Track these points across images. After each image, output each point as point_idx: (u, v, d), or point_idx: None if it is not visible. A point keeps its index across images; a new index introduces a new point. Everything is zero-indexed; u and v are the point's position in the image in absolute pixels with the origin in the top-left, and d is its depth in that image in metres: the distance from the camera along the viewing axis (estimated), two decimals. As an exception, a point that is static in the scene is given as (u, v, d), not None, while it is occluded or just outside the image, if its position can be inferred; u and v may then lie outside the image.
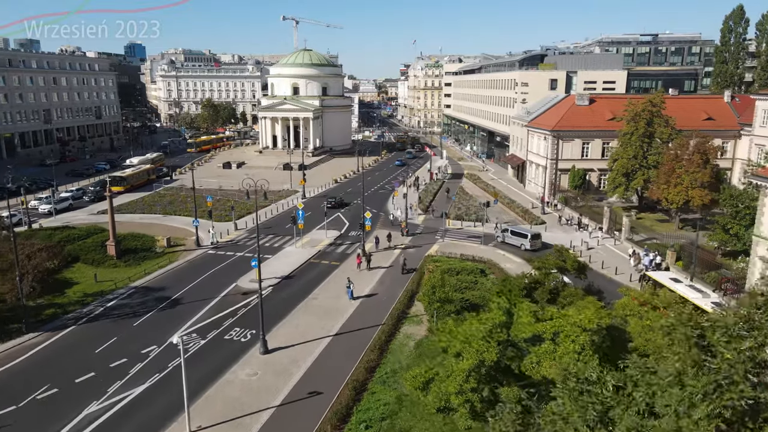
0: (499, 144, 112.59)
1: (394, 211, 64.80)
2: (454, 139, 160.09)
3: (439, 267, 44.70)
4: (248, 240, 56.40)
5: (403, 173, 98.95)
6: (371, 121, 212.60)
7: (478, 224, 62.68)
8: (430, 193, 79.43)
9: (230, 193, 78.77)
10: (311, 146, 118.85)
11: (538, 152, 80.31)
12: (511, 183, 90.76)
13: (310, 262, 49.65)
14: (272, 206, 71.65)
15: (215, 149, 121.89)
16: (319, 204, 73.55)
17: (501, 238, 56.31)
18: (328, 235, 57.78)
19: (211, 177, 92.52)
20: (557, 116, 77.15)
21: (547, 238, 56.64)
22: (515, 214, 69.39)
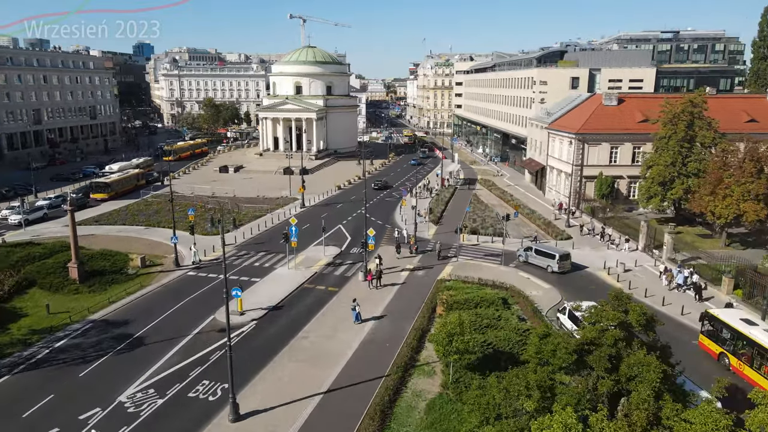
0: (514, 147, 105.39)
1: (401, 227, 57.60)
2: (465, 140, 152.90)
3: (453, 297, 37.70)
4: (237, 258, 49.70)
5: (414, 177, 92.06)
6: (379, 122, 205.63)
7: (496, 239, 55.61)
8: (442, 202, 72.37)
9: (224, 201, 72.11)
10: (314, 148, 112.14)
11: (560, 157, 73.12)
12: (529, 190, 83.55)
13: (303, 287, 42.82)
14: (267, 216, 64.94)
15: (198, 156, 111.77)
16: (320, 213, 66.72)
17: (524, 257, 49.27)
18: (327, 252, 50.95)
19: (205, 182, 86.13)
20: (582, 118, 69.92)
21: (576, 256, 49.56)
22: (536, 226, 62.25)
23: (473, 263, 48.86)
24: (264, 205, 70.90)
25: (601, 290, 43.00)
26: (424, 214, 65.62)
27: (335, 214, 66.78)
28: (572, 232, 59.14)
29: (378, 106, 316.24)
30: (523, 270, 47.26)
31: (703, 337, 33.32)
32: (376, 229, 60.15)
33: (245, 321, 35.98)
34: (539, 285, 43.80)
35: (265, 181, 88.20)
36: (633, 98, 72.26)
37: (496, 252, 51.64)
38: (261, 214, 65.74)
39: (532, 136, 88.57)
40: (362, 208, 70.21)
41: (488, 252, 52.16)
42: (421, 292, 41.65)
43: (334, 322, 36.32)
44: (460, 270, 46.66)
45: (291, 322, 36.32)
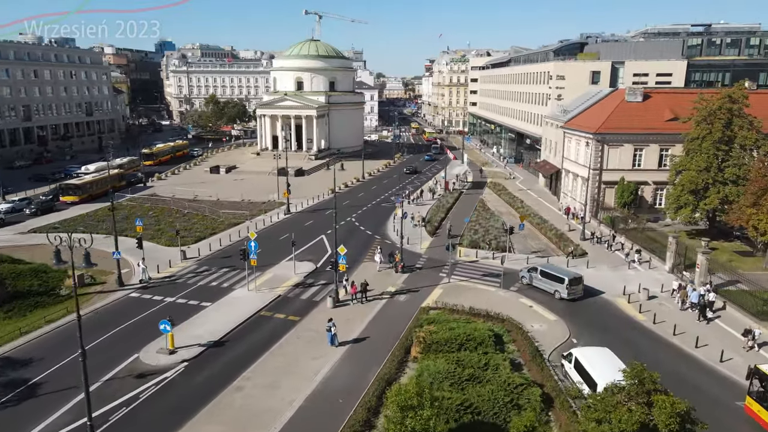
0: (529, 147, 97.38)
1: (391, 239, 49.60)
2: (479, 140, 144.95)
3: (433, 336, 30.45)
4: (194, 275, 43.11)
5: (417, 180, 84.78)
6: (392, 120, 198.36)
7: (498, 255, 48.12)
8: (443, 209, 64.93)
9: (201, 207, 65.76)
10: (315, 148, 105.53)
11: (576, 159, 65.20)
12: (543, 195, 75.65)
13: (260, 314, 35.97)
14: (245, 224, 58.27)
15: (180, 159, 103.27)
16: (305, 221, 60.14)
17: (527, 279, 41.81)
18: (299, 270, 44.06)
19: (192, 184, 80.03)
20: (602, 115, 61.92)
21: (591, 278, 41.94)
22: (547, 239, 54.58)
23: (467, 285, 41.53)
24: (245, 210, 64.32)
25: (620, 324, 35.49)
26: (417, 219, 58.32)
27: (321, 222, 59.86)
28: (588, 246, 51.32)
29: (395, 104, 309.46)
30: (526, 295, 39.79)
31: (751, 400, 25.60)
32: (363, 241, 53.34)
33: (172, 363, 29.26)
34: (543, 316, 36.30)
35: (256, 183, 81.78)
36: (661, 93, 63.95)
37: (496, 272, 44.20)
38: (239, 222, 59.18)
39: (547, 136, 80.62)
40: (355, 214, 63.95)
41: (487, 271, 44.71)
42: (398, 323, 34.51)
43: (283, 365, 29.42)
44: (451, 294, 39.38)
45: (230, 364, 29.49)
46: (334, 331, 31.77)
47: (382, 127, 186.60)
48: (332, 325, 31.81)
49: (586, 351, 28.12)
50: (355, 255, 48.67)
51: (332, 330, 31.71)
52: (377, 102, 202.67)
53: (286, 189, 64.16)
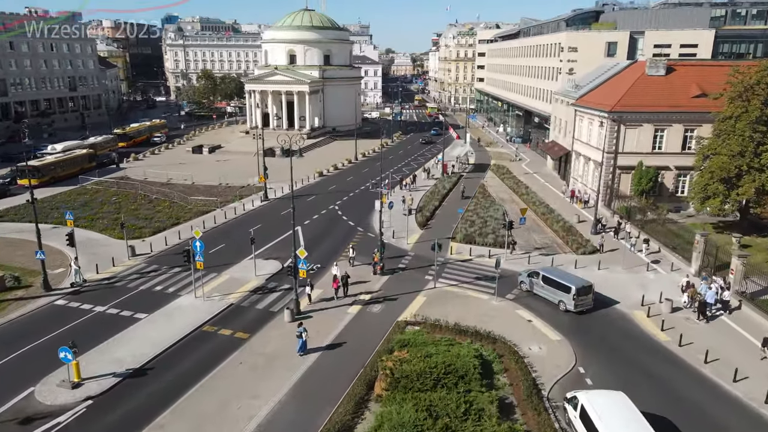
0: (538, 126, 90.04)
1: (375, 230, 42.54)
2: (486, 118, 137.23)
3: (405, 367, 24.20)
4: (139, 277, 37.08)
5: (415, 162, 77.99)
6: (395, 96, 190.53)
7: (496, 254, 41.63)
8: (437, 196, 58.28)
9: (176, 190, 59.66)
10: (308, 126, 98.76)
11: (588, 141, 58.14)
12: (551, 180, 68.68)
13: (202, 330, 29.92)
14: (215, 213, 52.09)
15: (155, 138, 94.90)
16: (282, 208, 53.79)
17: (527, 285, 35.42)
18: (261, 270, 37.90)
19: (169, 166, 73.78)
20: (619, 91, 54.66)
21: (603, 281, 35.52)
22: (553, 233, 47.96)
23: (456, 292, 35.18)
24: (217, 197, 58.07)
25: (638, 346, 29.12)
26: (408, 202, 52.06)
27: (301, 211, 53.33)
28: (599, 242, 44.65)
29: (402, 80, 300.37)
30: (525, 305, 33.42)
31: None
32: (344, 233, 47.01)
33: (73, 402, 23.29)
34: (544, 334, 29.95)
35: (239, 164, 75.40)
36: (686, 66, 56.35)
37: (491, 273, 37.77)
38: (208, 210, 53.00)
39: (556, 114, 73.32)
40: (339, 201, 57.44)
41: (481, 273, 38.32)
42: (366, 343, 28.34)
43: (212, 406, 23.37)
44: (435, 304, 33.12)
45: (145, 403, 23.49)
46: (305, 337, 27.25)
47: (385, 103, 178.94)
48: (303, 330, 27.40)
49: (595, 397, 21.79)
50: (332, 250, 42.55)
51: (303, 336, 27.20)
52: (381, 78, 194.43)
53: (263, 173, 57.69)
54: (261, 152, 66.41)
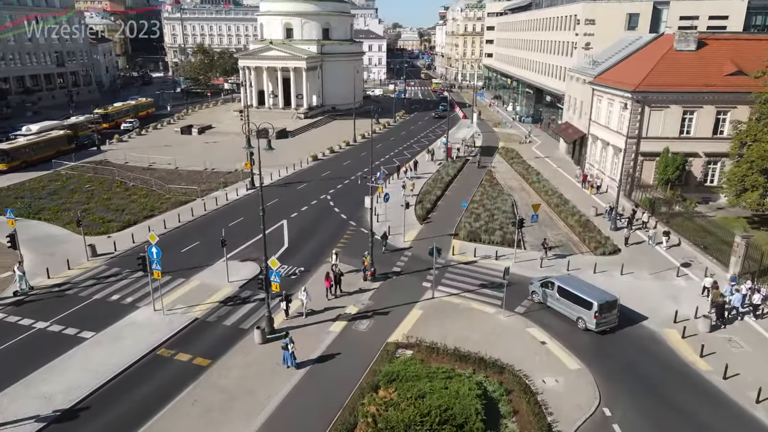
0: (550, 105, 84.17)
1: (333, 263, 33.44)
2: (494, 96, 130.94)
3: (389, 418, 19.55)
4: (95, 282, 32.50)
5: (417, 145, 72.69)
6: (401, 72, 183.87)
7: (504, 255, 36.79)
8: (440, 185, 53.18)
9: (157, 176, 55.03)
10: (305, 105, 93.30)
11: (607, 124, 52.69)
12: (564, 165, 63.31)
13: (156, 353, 25.40)
14: (194, 204, 47.33)
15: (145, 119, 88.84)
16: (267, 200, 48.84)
17: (539, 295, 30.62)
18: (236, 275, 33.24)
19: (154, 148, 68.92)
20: (643, 68, 49.00)
21: (626, 289, 30.71)
22: (568, 228, 42.96)
23: (457, 304, 30.42)
24: (200, 185, 53.26)
25: (673, 377, 24.46)
26: (410, 188, 47.55)
27: (289, 201, 48.85)
28: (622, 239, 39.68)
29: (409, 56, 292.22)
30: (537, 321, 28.67)
31: None
32: (334, 228, 42.19)
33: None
34: (561, 361, 25.22)
35: (229, 147, 70.08)
36: (719, 41, 50.49)
37: (499, 278, 33.00)
38: (187, 200, 48.26)
39: (571, 93, 67.55)
40: (332, 190, 52.31)
41: (486, 278, 33.50)
42: (346, 377, 23.75)
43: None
44: (432, 319, 28.45)
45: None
46: (291, 349, 24.31)
47: (390, 80, 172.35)
48: (289, 342, 24.39)
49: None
50: (318, 250, 37.78)
51: (290, 348, 24.30)
52: (386, 53, 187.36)
53: (248, 159, 52.70)
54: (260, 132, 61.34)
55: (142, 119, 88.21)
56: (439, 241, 38.89)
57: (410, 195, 49.74)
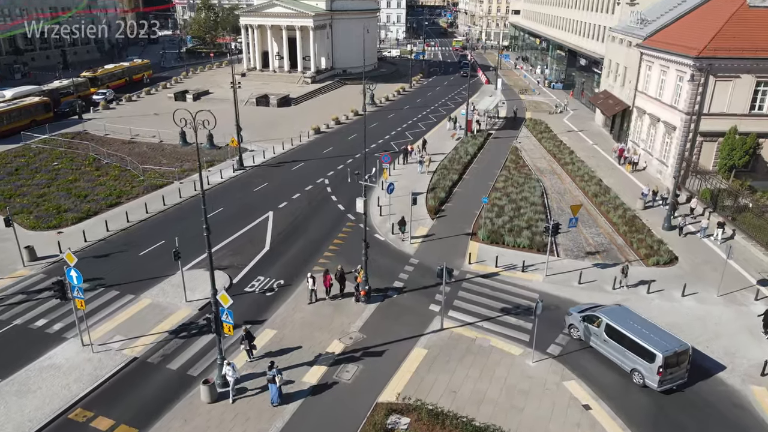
0: (584, 69, 75.06)
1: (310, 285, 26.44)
2: (520, 58, 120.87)
3: None
4: (24, 300, 26.26)
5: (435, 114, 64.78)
6: (420, 31, 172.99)
7: (532, 267, 29.71)
8: (456, 168, 45.57)
9: (138, 152, 48.72)
10: (312, 68, 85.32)
11: (658, 96, 44.36)
12: (600, 140, 55.13)
13: (67, 417, 19.18)
14: (171, 188, 40.81)
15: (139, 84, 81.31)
16: (255, 184, 42.36)
17: (580, 331, 23.60)
18: (196, 291, 26.73)
19: (142, 117, 62.51)
20: (707, 29, 40.37)
21: (691, 320, 23.67)
22: (609, 225, 35.54)
23: (472, 339, 23.61)
24: (182, 163, 46.64)
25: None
26: (426, 162, 40.96)
27: (282, 185, 42.05)
28: (678, 241, 32.33)
29: (431, 13, 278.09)
30: (577, 370, 21.79)
31: None
32: (328, 225, 35.28)
33: None
34: (613, 443, 18.44)
35: (224, 116, 62.19)
36: (803, -6, 41.35)
37: (526, 300, 26.11)
38: (163, 183, 41.73)
39: (612, 57, 58.61)
40: (332, 172, 44.78)
41: (510, 300, 26.56)
42: None
43: None
44: (438, 364, 21.78)
45: None
46: (279, 381, 19.47)
47: (408, 40, 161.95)
48: (277, 373, 19.35)
49: None
50: (306, 254, 31.12)
51: (277, 380, 19.34)
52: (405, 10, 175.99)
53: (236, 135, 45.64)
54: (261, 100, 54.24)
55: (137, 83, 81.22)
56: (454, 244, 32.10)
57: (427, 172, 44.01)
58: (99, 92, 70.24)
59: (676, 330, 23.06)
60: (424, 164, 45.33)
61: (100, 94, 69.75)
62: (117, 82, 77.39)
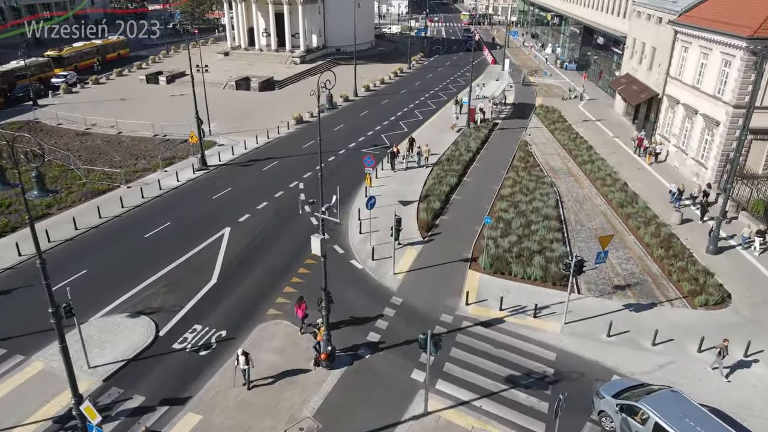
0: (602, 48, 67.47)
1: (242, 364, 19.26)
2: (529, 34, 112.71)
3: None
4: None
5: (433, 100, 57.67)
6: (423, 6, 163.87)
7: (546, 310, 23.27)
8: (454, 169, 38.71)
9: (90, 146, 42.41)
10: (302, 46, 77.97)
11: (696, 83, 37.30)
12: (621, 131, 48.04)
13: None
14: (120, 192, 34.38)
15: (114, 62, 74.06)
16: (215, 190, 35.77)
17: (613, 422, 17.19)
18: (106, 351, 20.44)
19: (107, 102, 55.96)
20: (761, 3, 33.12)
21: (762, 413, 17.21)
22: (640, 246, 28.92)
23: (466, 430, 17.33)
24: (140, 160, 40.20)
25: None
26: (425, 153, 35.38)
27: (247, 190, 35.48)
28: (724, 266, 25.85)
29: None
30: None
31: None
32: (295, 247, 28.58)
33: None
34: None
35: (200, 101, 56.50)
36: None
37: (539, 365, 19.80)
38: (109, 188, 35.27)
39: (636, 35, 51.17)
40: (308, 174, 37.49)
41: (519, 362, 20.20)
42: None
43: None
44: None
45: None
46: None
47: (412, 14, 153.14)
48: None
49: None
50: (262, 291, 24.67)
51: None
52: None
53: (196, 130, 38.82)
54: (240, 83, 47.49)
55: (110, 62, 74.24)
56: (449, 275, 25.71)
57: (425, 166, 38.97)
58: (60, 75, 63.33)
59: (744, 413, 16.81)
60: (422, 157, 39.44)
61: (61, 76, 62.83)
62: (87, 62, 70.49)
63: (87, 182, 35.88)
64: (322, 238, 18.67)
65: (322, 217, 18.64)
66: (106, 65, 73.40)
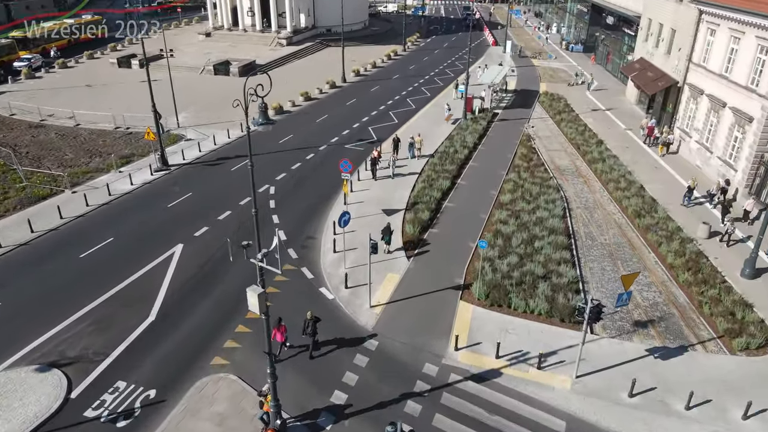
0: (612, 29, 62.25)
1: None
2: (533, 13, 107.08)
3: None
4: None
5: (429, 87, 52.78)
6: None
7: (552, 358, 19.01)
8: (447, 171, 33.95)
9: (42, 140, 37.92)
10: (288, 27, 72.81)
11: (724, 71, 32.56)
12: (635, 123, 43.27)
13: None
14: (63, 197, 29.95)
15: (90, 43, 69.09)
16: (173, 197, 31.26)
17: None
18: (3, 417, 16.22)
19: (70, 89, 51.36)
20: (807, -22, 28.29)
21: None
22: (662, 267, 24.53)
23: None
24: (94, 158, 35.73)
25: None
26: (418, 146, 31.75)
27: (209, 196, 30.99)
28: (762, 291, 21.66)
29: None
30: None
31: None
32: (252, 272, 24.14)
33: None
34: None
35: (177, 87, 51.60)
36: None
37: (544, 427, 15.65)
38: (51, 193, 30.85)
39: (652, 15, 46.14)
40: (282, 175, 32.99)
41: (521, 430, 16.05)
42: None
43: None
44: None
45: None
46: None
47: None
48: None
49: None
50: (211, 330, 20.35)
51: None
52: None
53: (155, 126, 34.12)
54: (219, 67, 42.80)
55: (85, 43, 69.19)
56: (436, 308, 21.49)
57: (418, 157, 35.55)
58: (24, 58, 58.44)
59: None
60: (415, 148, 35.70)
61: (24, 59, 57.95)
62: (58, 43, 65.48)
63: (27, 186, 31.45)
64: (262, 291, 14.23)
65: (260, 265, 14.16)
66: (80, 46, 68.38)
